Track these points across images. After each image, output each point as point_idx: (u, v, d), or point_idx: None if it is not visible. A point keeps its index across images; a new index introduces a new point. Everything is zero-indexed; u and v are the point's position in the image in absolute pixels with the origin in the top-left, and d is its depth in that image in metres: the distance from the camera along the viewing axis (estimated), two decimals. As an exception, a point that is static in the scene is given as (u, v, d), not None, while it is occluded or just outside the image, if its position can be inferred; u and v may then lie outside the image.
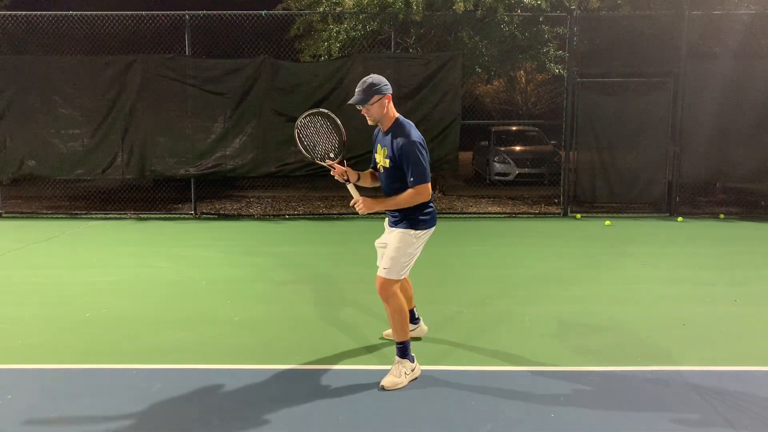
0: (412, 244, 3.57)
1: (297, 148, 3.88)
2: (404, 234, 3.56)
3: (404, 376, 3.54)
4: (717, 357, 3.96)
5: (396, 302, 3.56)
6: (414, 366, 3.62)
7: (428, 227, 3.62)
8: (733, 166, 9.74)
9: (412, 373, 3.59)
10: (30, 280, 5.85)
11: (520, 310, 4.91)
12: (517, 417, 3.16)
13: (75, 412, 3.20)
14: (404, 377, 3.53)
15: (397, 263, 3.54)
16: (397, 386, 3.49)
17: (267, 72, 9.27)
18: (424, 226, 3.59)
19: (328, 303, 5.16)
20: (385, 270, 3.55)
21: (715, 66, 9.53)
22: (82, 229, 8.70)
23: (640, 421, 3.12)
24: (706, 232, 8.55)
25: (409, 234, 3.56)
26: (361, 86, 3.50)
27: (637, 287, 5.61)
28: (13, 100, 9.34)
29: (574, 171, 9.90)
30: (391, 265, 3.54)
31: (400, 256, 3.54)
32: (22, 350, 4.06)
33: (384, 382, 3.51)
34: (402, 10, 9.46)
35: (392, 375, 3.54)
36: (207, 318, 4.71)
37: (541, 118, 22.04)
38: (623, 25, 10.76)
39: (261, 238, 8.15)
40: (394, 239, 3.59)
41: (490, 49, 10.26)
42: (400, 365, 3.57)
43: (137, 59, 9.27)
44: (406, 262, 3.57)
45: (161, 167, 9.51)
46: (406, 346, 3.61)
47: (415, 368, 3.62)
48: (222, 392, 3.44)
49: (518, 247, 7.57)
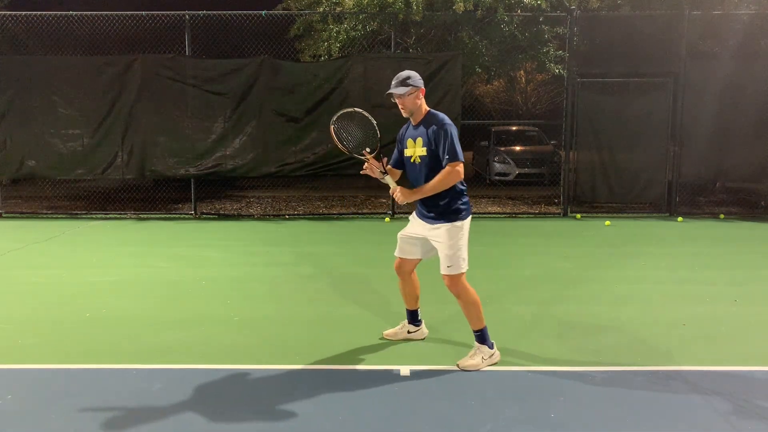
0: (461, 236, 3.69)
1: (333, 143, 3.98)
2: (451, 228, 3.68)
3: (482, 360, 3.73)
4: (717, 357, 3.96)
5: (468, 296, 3.72)
6: (493, 352, 3.79)
7: (468, 215, 3.76)
8: (733, 166, 9.75)
9: (490, 358, 3.76)
10: (30, 280, 5.85)
11: (520, 310, 4.91)
12: (517, 417, 3.16)
13: (75, 412, 3.20)
14: (481, 361, 3.73)
15: (455, 258, 3.67)
16: (474, 368, 3.70)
17: (267, 72, 9.27)
18: (465, 215, 3.72)
19: (328, 303, 5.16)
20: (449, 268, 3.68)
21: (715, 66, 9.54)
22: (82, 229, 8.71)
23: (640, 421, 3.12)
24: (706, 232, 8.55)
25: (455, 227, 3.68)
26: (398, 79, 3.67)
27: (637, 287, 5.61)
28: (13, 100, 9.35)
29: (574, 171, 9.90)
30: (451, 262, 3.67)
31: (456, 251, 3.67)
32: (22, 350, 4.06)
33: (461, 362, 3.73)
34: (402, 10, 9.47)
35: (470, 357, 3.75)
36: (207, 318, 4.71)
37: (541, 118, 22.06)
38: (623, 25, 10.76)
39: (261, 238, 8.15)
40: (444, 237, 3.69)
41: (490, 49, 10.26)
42: (478, 350, 3.76)
43: (137, 59, 9.27)
44: (462, 253, 3.69)
45: (161, 167, 9.51)
46: (483, 333, 3.77)
47: (494, 354, 3.79)
48: (222, 392, 3.44)
49: (518, 247, 7.57)
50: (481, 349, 3.76)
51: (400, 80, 3.66)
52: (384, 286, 5.56)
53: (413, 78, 3.67)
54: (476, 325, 3.76)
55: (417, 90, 3.67)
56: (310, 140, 9.41)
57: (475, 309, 3.73)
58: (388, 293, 5.33)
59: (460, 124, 9.49)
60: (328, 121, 4.09)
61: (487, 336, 3.78)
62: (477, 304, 3.73)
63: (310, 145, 9.41)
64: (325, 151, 9.39)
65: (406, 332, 4.24)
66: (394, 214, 9.72)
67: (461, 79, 9.69)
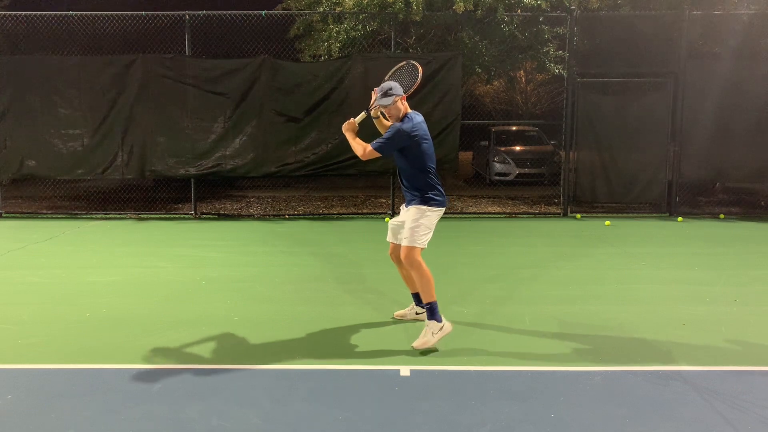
0: (425, 217, 4.13)
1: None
2: (418, 209, 4.15)
3: (432, 335, 4.01)
4: (717, 357, 3.96)
5: (420, 270, 4.06)
6: (442, 325, 4.05)
7: (438, 206, 4.18)
8: (733, 166, 9.74)
9: (440, 332, 4.03)
10: (30, 280, 5.85)
11: (520, 310, 4.91)
12: (517, 417, 3.16)
13: (75, 412, 3.20)
14: (432, 336, 4.00)
15: (415, 233, 4.08)
16: (425, 345, 3.98)
17: (267, 72, 9.27)
18: (435, 204, 4.17)
19: (328, 303, 5.16)
20: (406, 239, 4.10)
21: (715, 66, 9.54)
22: (82, 229, 8.71)
23: (640, 421, 3.12)
24: (706, 232, 8.55)
25: (421, 209, 4.15)
26: (381, 91, 4.14)
27: (637, 287, 5.61)
28: (13, 100, 9.34)
29: (574, 171, 9.90)
30: (410, 234, 4.09)
31: (417, 227, 4.09)
32: (22, 350, 4.06)
33: (415, 343, 4.01)
34: (402, 10, 9.46)
35: (422, 336, 4.03)
36: (207, 318, 4.71)
37: (541, 118, 22.04)
38: (623, 25, 10.75)
39: (261, 238, 8.14)
40: (411, 214, 4.17)
41: (490, 49, 10.26)
42: (428, 327, 4.04)
43: (137, 59, 9.26)
44: (424, 233, 4.10)
45: (161, 167, 9.51)
46: (432, 306, 4.06)
47: (443, 326, 4.05)
48: (222, 392, 3.44)
49: (518, 247, 7.57)
50: (429, 325, 4.04)
51: (383, 92, 4.10)
52: (384, 286, 5.56)
53: (394, 88, 4.12)
54: (426, 299, 4.07)
55: (399, 97, 4.12)
56: (310, 140, 9.41)
57: (427, 283, 4.05)
58: (388, 293, 5.33)
59: (460, 124, 9.49)
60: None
61: (436, 310, 4.06)
62: (429, 279, 4.06)
63: (310, 145, 9.41)
64: (325, 151, 9.39)
65: (414, 313, 4.60)
66: (394, 214, 9.72)
67: (461, 79, 9.69)
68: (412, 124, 4.09)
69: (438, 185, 4.21)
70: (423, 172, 4.15)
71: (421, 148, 4.11)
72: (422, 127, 4.14)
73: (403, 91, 4.19)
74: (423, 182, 4.17)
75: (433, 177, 4.19)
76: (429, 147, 4.17)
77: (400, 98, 4.13)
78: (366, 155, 4.15)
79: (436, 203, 4.17)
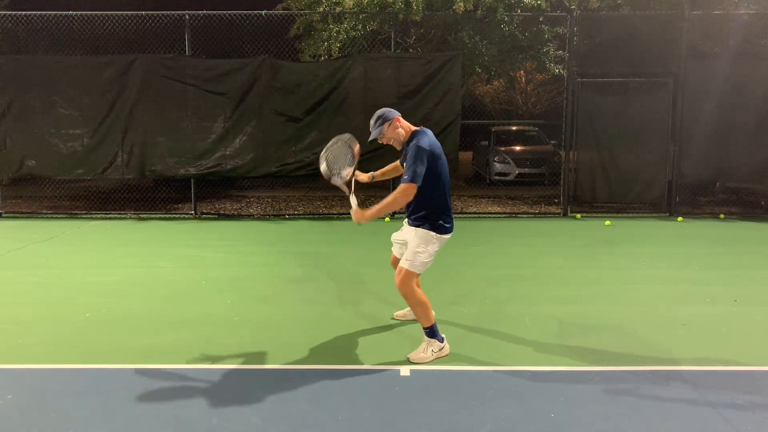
0: (431, 243, 3.86)
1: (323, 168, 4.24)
2: (426, 234, 3.86)
3: (432, 353, 3.87)
4: (717, 357, 3.96)
5: (414, 297, 3.85)
6: (442, 345, 3.92)
7: (446, 233, 3.92)
8: (733, 166, 9.75)
9: (440, 351, 3.90)
10: (30, 280, 5.85)
11: (520, 310, 4.91)
12: (517, 417, 3.16)
13: (75, 412, 3.20)
14: (431, 354, 3.87)
15: (417, 257, 3.84)
16: (422, 361, 3.83)
17: (267, 72, 9.27)
18: (443, 231, 3.89)
19: (328, 303, 5.16)
20: (408, 261, 3.84)
21: (715, 66, 9.53)
22: (82, 229, 8.71)
23: (640, 421, 3.12)
24: (706, 232, 8.55)
25: (429, 234, 3.86)
26: (372, 123, 3.93)
27: (637, 287, 5.61)
28: (13, 100, 9.35)
29: (574, 171, 9.90)
30: (412, 257, 3.84)
31: (421, 253, 3.84)
32: (22, 350, 4.06)
33: (411, 355, 3.88)
34: (402, 10, 9.46)
35: (421, 351, 3.88)
36: (207, 318, 4.72)
37: (541, 118, 22.07)
38: (623, 25, 10.76)
39: (261, 238, 8.15)
40: (417, 237, 3.88)
41: (490, 49, 10.26)
42: (429, 343, 3.89)
43: (137, 59, 9.27)
44: (426, 260, 3.87)
45: (161, 167, 9.51)
46: (433, 329, 3.90)
47: (443, 347, 3.92)
48: (222, 392, 3.44)
49: (518, 247, 7.57)
50: (431, 342, 3.90)
51: (372, 124, 3.92)
52: (384, 286, 5.56)
53: (384, 115, 3.89)
54: (425, 323, 3.89)
55: (390, 122, 3.88)
56: (310, 140, 9.41)
57: (422, 309, 3.86)
58: (388, 293, 5.32)
59: (459, 124, 9.49)
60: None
61: (436, 331, 3.91)
62: (423, 304, 3.87)
63: (310, 145, 9.40)
64: (325, 151, 9.39)
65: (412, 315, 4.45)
66: (394, 215, 9.72)
67: (461, 79, 9.69)
68: (426, 139, 3.77)
69: (450, 212, 3.95)
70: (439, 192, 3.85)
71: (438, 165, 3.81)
72: (436, 142, 3.85)
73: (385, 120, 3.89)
74: (435, 205, 3.86)
75: (447, 200, 3.92)
76: (444, 165, 3.87)
77: (393, 121, 3.87)
78: (405, 196, 3.73)
79: (445, 231, 3.89)
